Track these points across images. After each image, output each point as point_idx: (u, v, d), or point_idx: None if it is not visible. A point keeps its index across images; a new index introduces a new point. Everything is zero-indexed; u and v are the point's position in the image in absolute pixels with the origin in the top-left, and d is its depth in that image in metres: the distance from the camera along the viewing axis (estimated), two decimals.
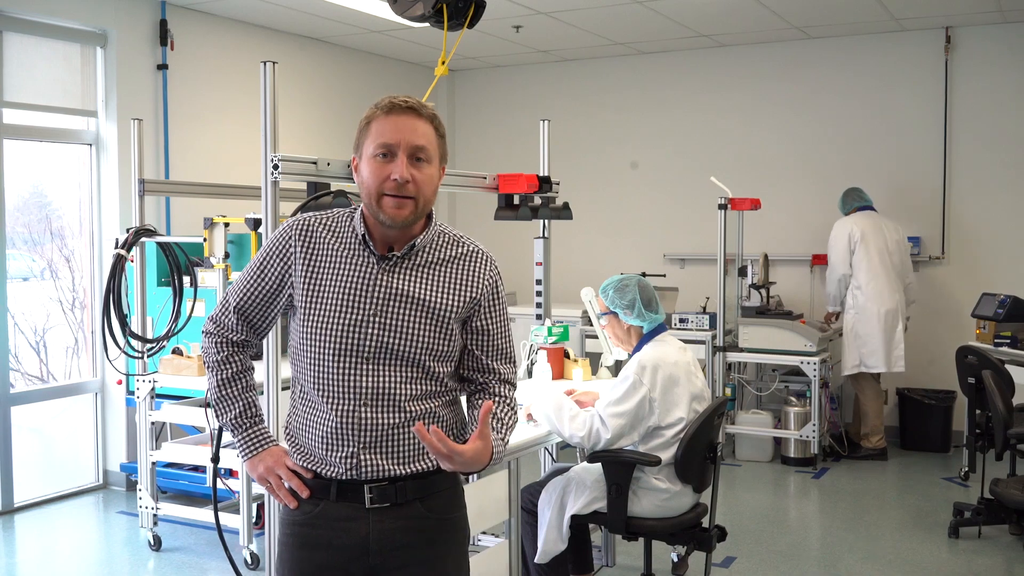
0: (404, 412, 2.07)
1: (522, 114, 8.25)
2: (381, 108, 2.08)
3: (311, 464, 2.12)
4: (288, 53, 6.97)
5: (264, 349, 2.93)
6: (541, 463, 4.54)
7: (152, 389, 4.84)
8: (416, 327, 2.08)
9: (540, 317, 4.62)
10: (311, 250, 2.13)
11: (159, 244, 5.03)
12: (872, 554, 4.77)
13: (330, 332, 2.07)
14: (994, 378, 4.78)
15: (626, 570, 4.50)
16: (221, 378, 2.21)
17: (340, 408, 2.06)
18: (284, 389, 2.62)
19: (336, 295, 2.08)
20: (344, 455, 2.07)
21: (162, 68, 6.09)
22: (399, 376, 2.08)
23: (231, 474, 4.95)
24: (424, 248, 2.14)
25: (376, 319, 2.06)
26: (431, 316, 2.09)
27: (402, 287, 2.09)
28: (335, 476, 2.09)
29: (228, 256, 4.65)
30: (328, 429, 2.08)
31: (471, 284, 2.15)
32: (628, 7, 6.35)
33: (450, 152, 9.03)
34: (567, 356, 4.54)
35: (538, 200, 4.23)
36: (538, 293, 4.65)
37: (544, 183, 4.06)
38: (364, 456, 2.07)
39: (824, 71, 7.34)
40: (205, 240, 4.65)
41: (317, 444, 2.10)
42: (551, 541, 3.60)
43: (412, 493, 2.10)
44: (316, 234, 2.14)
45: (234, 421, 2.20)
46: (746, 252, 7.08)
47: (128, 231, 4.84)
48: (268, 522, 2.86)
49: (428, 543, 2.13)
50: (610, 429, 3.45)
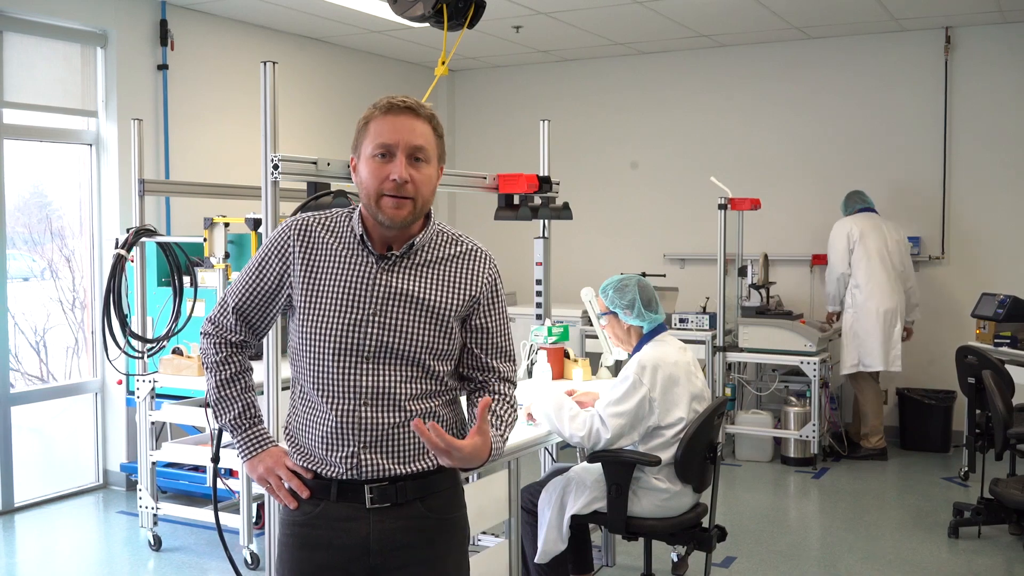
0: (404, 411, 2.07)
1: (522, 114, 8.25)
2: (379, 108, 2.08)
3: (311, 464, 2.12)
4: (288, 53, 6.97)
5: (264, 349, 2.93)
6: (541, 463, 4.54)
7: (152, 389, 4.84)
8: (416, 326, 2.08)
9: (540, 317, 4.62)
10: (310, 250, 2.13)
11: (159, 244, 5.03)
12: (872, 554, 4.77)
13: (330, 332, 2.07)
14: (994, 378, 4.78)
15: (626, 570, 4.50)
16: (220, 379, 2.21)
17: (340, 408, 2.06)
18: (284, 389, 2.62)
19: (335, 295, 2.08)
20: (344, 455, 2.07)
21: (162, 68, 6.10)
22: (399, 375, 2.08)
23: (231, 474, 4.95)
24: (423, 247, 2.14)
25: (376, 318, 2.06)
26: (431, 315, 2.09)
27: (401, 286, 2.09)
28: (335, 476, 2.09)
29: (228, 256, 4.65)
30: (328, 429, 2.08)
31: (470, 282, 2.15)
32: (628, 7, 6.35)
33: (450, 152, 9.03)
34: (567, 356, 4.54)
35: (538, 200, 4.22)
36: (538, 293, 4.65)
37: (544, 183, 4.06)
38: (364, 456, 2.07)
39: (824, 71, 7.34)
40: (205, 240, 4.65)
41: (317, 444, 2.10)
42: (551, 541, 3.60)
43: (412, 493, 2.10)
44: (315, 234, 2.14)
45: (233, 422, 2.20)
46: (746, 252, 7.08)
47: (128, 231, 4.84)
48: (268, 522, 2.86)
49: (428, 543, 2.13)
50: (610, 429, 3.45)
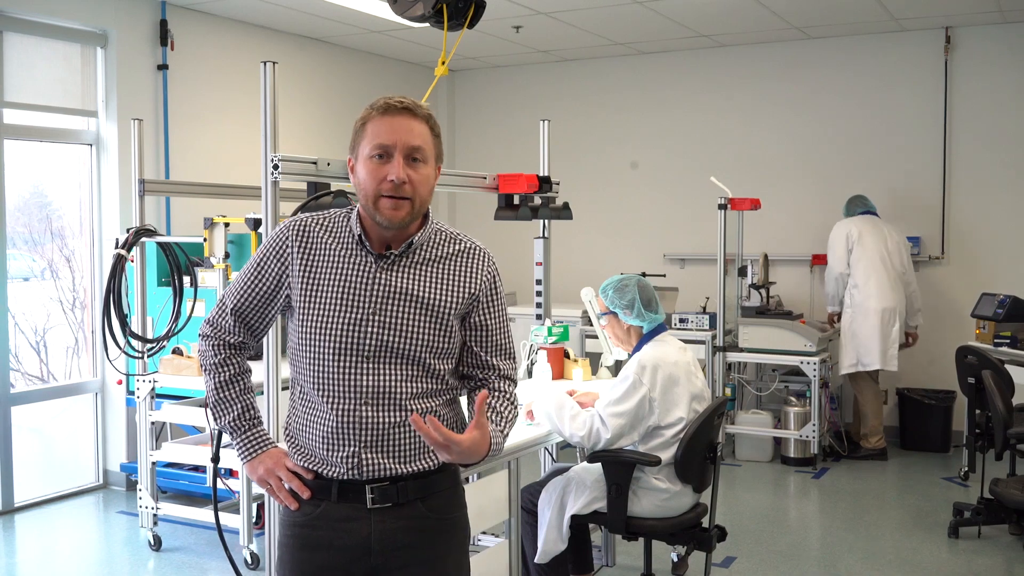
0: (405, 410, 2.07)
1: (522, 114, 8.25)
2: (376, 109, 2.08)
3: (312, 465, 2.12)
4: (288, 53, 6.97)
5: (264, 349, 2.93)
6: (541, 463, 4.54)
7: (152, 389, 4.84)
8: (416, 324, 2.08)
9: (540, 317, 4.62)
10: (308, 250, 2.13)
11: (159, 244, 5.03)
12: (872, 554, 4.77)
13: (329, 331, 2.07)
14: (994, 378, 4.78)
15: (626, 570, 4.50)
16: (219, 381, 2.20)
17: (341, 407, 2.06)
18: (284, 389, 2.62)
19: (334, 294, 2.08)
20: (345, 455, 2.07)
21: (162, 68, 6.10)
22: (399, 374, 2.08)
23: (231, 474, 4.95)
24: (421, 246, 2.14)
25: (376, 317, 2.06)
26: (430, 313, 2.09)
27: (401, 285, 2.09)
28: (336, 476, 2.09)
29: (228, 256, 4.65)
30: (329, 429, 2.08)
31: (469, 280, 2.15)
32: (628, 7, 6.35)
33: (450, 152, 9.02)
34: (567, 356, 4.54)
35: (538, 200, 4.22)
36: (538, 293, 4.65)
37: (544, 183, 4.06)
38: (365, 455, 2.06)
39: (824, 71, 7.34)
40: (205, 240, 4.65)
41: (318, 444, 2.10)
42: (551, 541, 3.60)
43: (413, 493, 2.10)
44: (313, 234, 2.14)
45: (232, 424, 2.20)
46: (746, 252, 7.08)
47: (128, 231, 4.84)
48: (268, 522, 2.86)
49: (429, 543, 2.13)
50: (610, 429, 3.45)
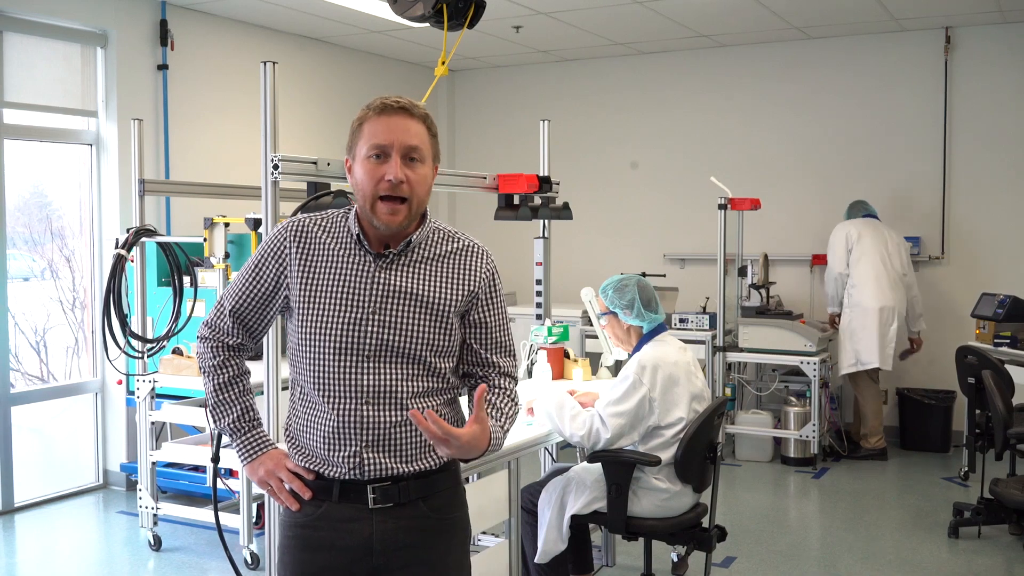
0: (406, 410, 2.07)
1: (522, 114, 8.25)
2: (373, 109, 2.08)
3: (313, 465, 2.12)
4: (288, 53, 6.97)
5: (264, 349, 2.93)
6: (541, 463, 4.54)
7: (152, 389, 4.84)
8: (416, 323, 2.08)
9: (540, 317, 4.62)
10: (307, 250, 2.13)
11: (159, 244, 5.03)
12: (872, 554, 4.77)
13: (329, 331, 2.07)
14: (994, 378, 4.78)
15: (626, 570, 4.50)
16: (217, 383, 2.20)
17: (342, 407, 2.06)
18: (284, 389, 2.62)
19: (334, 294, 2.08)
20: (347, 454, 2.07)
21: (162, 68, 6.10)
22: (400, 373, 2.08)
23: (231, 474, 4.95)
24: (420, 244, 2.14)
25: (376, 316, 2.07)
26: (430, 311, 2.09)
27: (400, 284, 2.09)
28: (337, 476, 2.09)
29: (228, 256, 4.65)
30: (330, 429, 2.08)
31: (469, 277, 2.15)
32: (628, 7, 6.35)
33: (450, 152, 9.00)
34: (567, 356, 4.54)
35: (538, 200, 4.22)
36: (538, 293, 4.65)
37: (544, 183, 4.06)
38: (367, 455, 2.06)
39: (824, 71, 7.34)
40: (205, 240, 4.66)
41: (319, 444, 2.10)
42: (551, 541, 3.60)
43: (415, 493, 2.10)
44: (311, 234, 2.14)
45: (232, 425, 2.20)
46: (746, 252, 7.08)
47: (128, 231, 4.84)
48: (268, 522, 2.86)
49: (431, 543, 2.13)
50: (610, 429, 3.45)
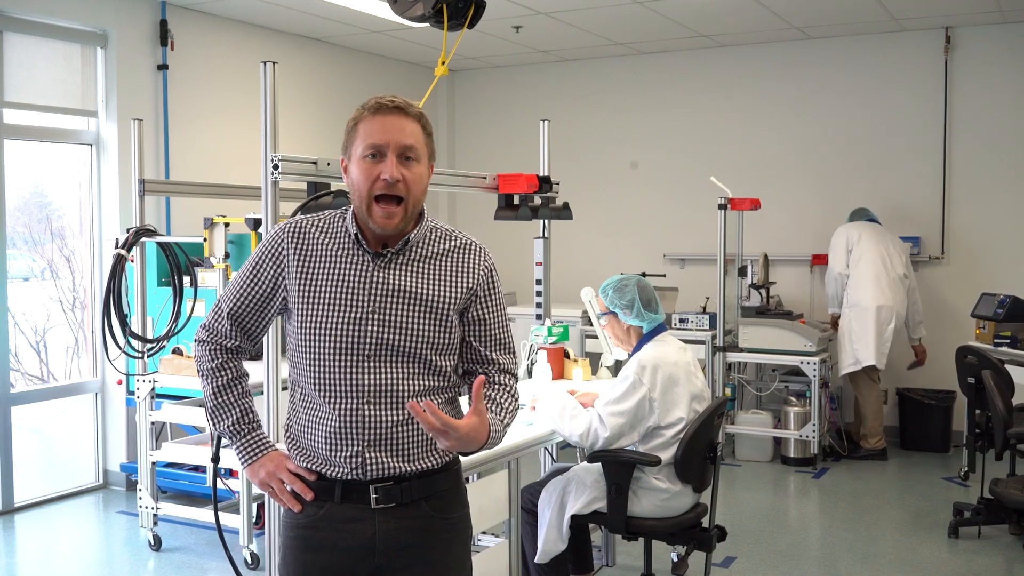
0: (407, 408, 2.06)
1: (522, 114, 8.25)
2: (368, 109, 2.09)
3: (315, 465, 2.12)
4: (288, 53, 6.97)
5: (264, 349, 2.93)
6: (541, 463, 4.54)
7: (152, 389, 4.84)
8: (416, 322, 2.08)
9: (540, 317, 4.62)
10: (304, 251, 2.12)
11: (159, 244, 5.03)
12: (872, 554, 4.77)
13: (329, 331, 2.07)
14: (994, 378, 4.78)
15: (626, 570, 4.50)
16: (216, 385, 2.20)
17: (343, 407, 2.06)
18: (283, 389, 2.62)
19: (333, 294, 2.08)
20: (349, 454, 2.07)
21: (162, 68, 6.10)
22: (401, 372, 2.08)
23: (231, 474, 4.95)
24: (418, 243, 2.14)
25: (375, 316, 2.07)
26: (430, 310, 2.10)
27: (399, 282, 2.09)
28: (339, 477, 2.09)
29: (228, 256, 4.66)
30: (332, 429, 2.07)
31: (467, 275, 2.15)
32: (628, 7, 6.35)
33: (450, 152, 8.98)
34: (567, 356, 4.54)
35: (538, 200, 4.23)
36: (538, 293, 4.65)
37: (544, 183, 4.06)
38: (369, 454, 2.06)
39: (824, 71, 7.34)
40: (205, 240, 4.66)
41: (321, 445, 2.10)
42: (551, 541, 3.60)
43: (417, 492, 2.10)
44: (308, 235, 2.14)
45: (231, 428, 2.19)
46: (746, 252, 7.08)
47: (128, 231, 4.84)
48: (268, 522, 2.86)
49: (433, 543, 2.13)
50: (608, 428, 3.45)
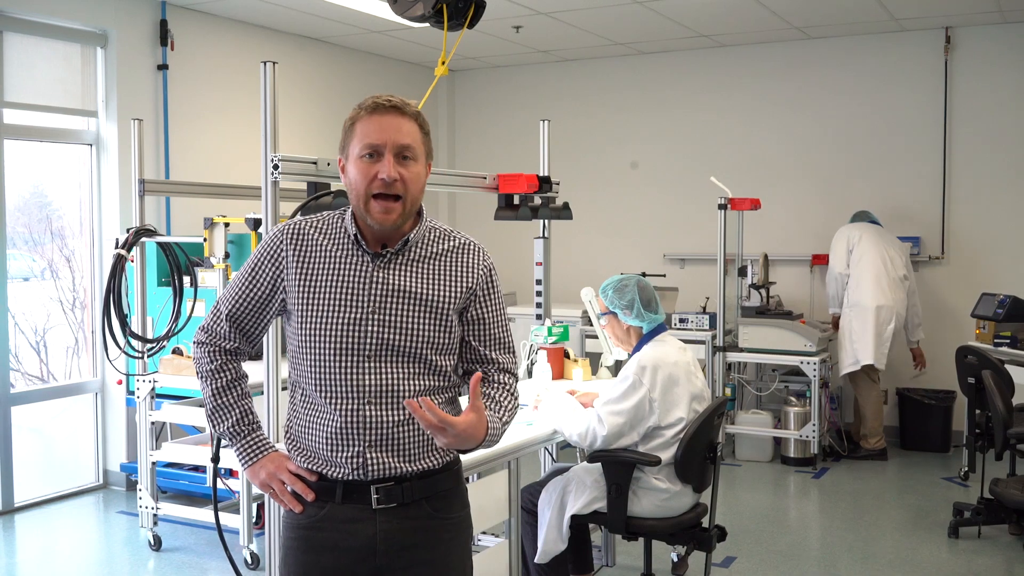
0: (406, 406, 2.06)
1: (522, 114, 8.25)
2: (365, 108, 2.09)
3: (315, 466, 2.12)
4: (288, 53, 6.97)
5: (264, 349, 2.93)
6: (541, 463, 4.54)
7: (152, 389, 4.84)
8: (416, 322, 2.08)
9: (540, 317, 4.62)
10: (303, 253, 2.12)
11: (159, 244, 5.03)
12: (872, 554, 4.77)
13: (329, 332, 2.07)
14: (994, 378, 4.78)
15: (626, 570, 4.50)
16: (216, 387, 2.20)
17: (344, 407, 2.06)
18: (283, 389, 2.62)
19: (332, 295, 2.08)
20: (350, 455, 2.07)
21: (162, 68, 6.10)
22: (402, 372, 2.08)
23: (231, 474, 4.95)
24: (417, 243, 2.14)
25: (375, 316, 2.07)
26: (430, 309, 2.10)
27: (399, 283, 2.09)
28: (340, 477, 2.09)
29: (228, 256, 4.65)
30: (333, 429, 2.07)
31: (466, 274, 2.16)
32: (628, 7, 6.34)
33: (450, 152, 8.97)
34: (567, 356, 4.54)
35: (538, 200, 4.23)
36: (538, 293, 4.65)
37: (544, 183, 4.06)
38: (370, 455, 2.06)
39: (824, 71, 7.34)
40: (205, 240, 4.65)
41: (322, 445, 2.10)
42: (551, 541, 3.60)
43: (418, 493, 2.10)
44: (307, 236, 2.14)
45: (231, 429, 2.19)
46: (746, 252, 7.08)
47: (128, 231, 4.84)
48: (268, 522, 2.86)
49: (434, 543, 2.13)
50: (606, 426, 3.45)
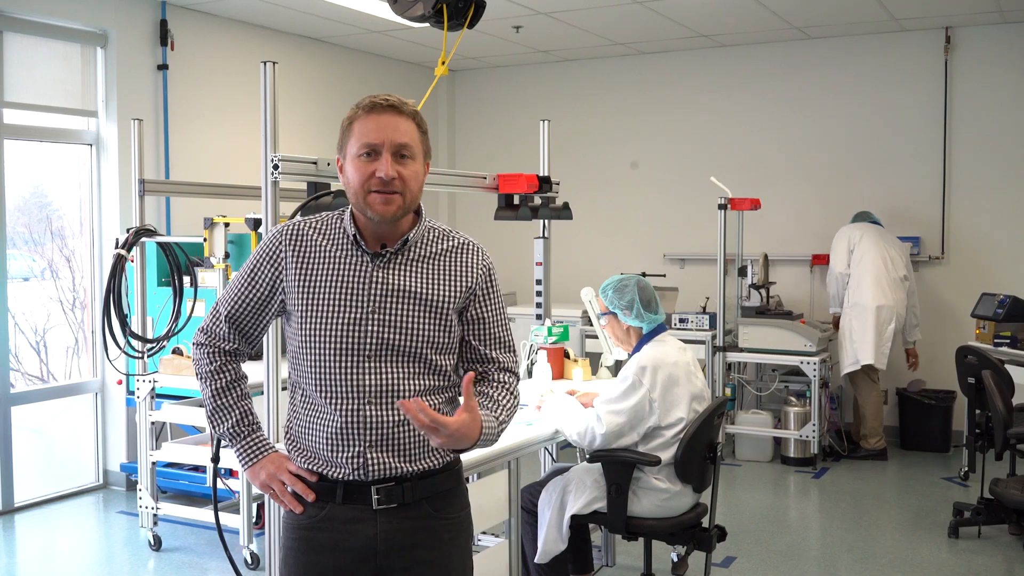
0: (398, 407, 2.05)
1: (522, 114, 8.25)
2: (362, 108, 2.09)
3: (316, 466, 2.12)
4: (288, 53, 6.97)
5: (264, 349, 2.93)
6: (541, 463, 4.54)
7: (152, 389, 4.84)
8: (415, 321, 2.08)
9: (540, 317, 4.62)
10: (302, 253, 2.12)
11: (159, 244, 5.03)
12: (872, 554, 4.77)
13: (329, 332, 2.07)
14: (994, 378, 4.78)
15: (626, 570, 4.50)
16: (215, 388, 2.20)
17: (344, 408, 2.06)
18: (283, 389, 2.62)
19: (332, 295, 2.08)
20: (350, 455, 2.07)
21: (162, 68, 6.10)
22: (402, 372, 2.08)
23: (231, 474, 4.95)
24: (416, 243, 2.14)
25: (375, 316, 2.07)
26: (429, 309, 2.10)
27: (398, 282, 2.09)
28: (341, 478, 2.09)
29: (228, 256, 4.65)
30: (333, 429, 2.07)
31: (466, 274, 2.16)
32: (628, 7, 6.34)
33: (450, 152, 8.99)
34: (567, 356, 4.54)
35: (538, 200, 4.23)
36: (538, 293, 4.65)
37: (544, 183, 4.06)
38: (371, 455, 2.06)
39: (824, 71, 7.34)
40: (205, 240, 4.66)
41: (322, 446, 2.10)
42: (551, 541, 3.60)
43: (419, 493, 2.10)
44: (306, 237, 2.14)
45: (231, 430, 2.19)
46: (746, 252, 7.07)
47: (128, 231, 4.84)
48: (268, 522, 2.86)
49: (434, 543, 2.13)
50: (605, 425, 3.45)
